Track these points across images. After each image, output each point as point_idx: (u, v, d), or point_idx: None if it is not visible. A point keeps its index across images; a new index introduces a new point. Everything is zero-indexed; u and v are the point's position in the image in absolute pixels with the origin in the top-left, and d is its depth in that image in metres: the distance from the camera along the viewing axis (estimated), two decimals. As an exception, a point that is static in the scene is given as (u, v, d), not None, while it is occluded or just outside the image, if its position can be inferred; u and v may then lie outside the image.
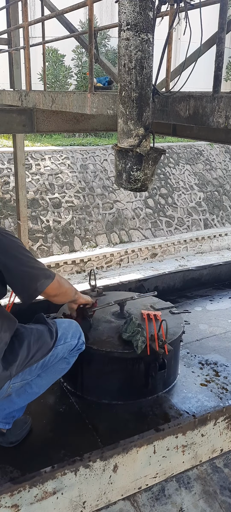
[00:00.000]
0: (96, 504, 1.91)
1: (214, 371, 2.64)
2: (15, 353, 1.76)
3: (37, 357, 1.84)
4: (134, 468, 1.96)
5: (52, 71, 12.22)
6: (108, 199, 10.56)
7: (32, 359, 1.82)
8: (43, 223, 9.47)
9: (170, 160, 12.06)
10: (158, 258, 10.36)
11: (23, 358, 1.78)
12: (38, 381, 1.93)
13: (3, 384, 1.75)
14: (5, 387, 1.77)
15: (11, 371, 1.75)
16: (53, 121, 4.16)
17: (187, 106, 2.09)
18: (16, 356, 1.76)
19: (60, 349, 1.93)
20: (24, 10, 3.80)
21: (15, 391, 1.85)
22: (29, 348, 1.80)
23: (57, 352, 1.92)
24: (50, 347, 1.88)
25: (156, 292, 2.94)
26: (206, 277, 3.98)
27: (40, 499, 1.73)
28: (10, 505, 1.67)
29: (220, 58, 1.82)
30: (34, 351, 1.82)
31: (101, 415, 2.21)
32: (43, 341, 1.86)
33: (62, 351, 1.94)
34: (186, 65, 2.62)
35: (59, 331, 1.94)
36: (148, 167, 2.12)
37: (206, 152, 12.94)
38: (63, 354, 1.96)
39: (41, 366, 1.89)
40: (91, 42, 2.78)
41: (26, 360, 1.80)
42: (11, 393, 1.84)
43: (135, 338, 2.22)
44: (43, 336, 1.87)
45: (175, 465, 2.09)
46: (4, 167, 9.72)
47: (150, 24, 1.87)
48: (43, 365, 1.89)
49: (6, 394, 1.81)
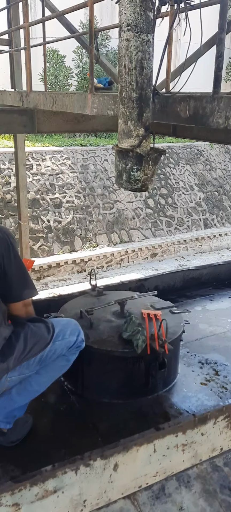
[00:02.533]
0: (97, 503, 1.92)
1: (214, 370, 2.65)
2: (12, 346, 1.78)
3: (35, 351, 1.85)
4: (134, 467, 1.97)
5: (52, 71, 12.23)
6: (108, 199, 10.58)
7: (29, 353, 1.84)
8: (44, 223, 9.48)
9: (170, 161, 12.07)
10: (158, 258, 10.37)
11: (20, 351, 1.80)
12: (38, 379, 1.94)
13: (1, 378, 1.77)
14: (3, 380, 1.78)
15: (9, 364, 1.77)
16: (54, 121, 4.16)
17: (187, 107, 2.10)
18: (13, 349, 1.78)
19: (58, 345, 1.94)
20: (25, 11, 3.81)
21: (15, 389, 1.86)
22: (25, 341, 1.82)
23: (56, 348, 1.93)
24: (47, 341, 1.89)
25: (156, 292, 2.95)
26: (206, 276, 3.99)
27: (41, 498, 1.75)
28: (11, 503, 1.68)
29: (220, 58, 1.83)
30: (31, 345, 1.84)
31: (101, 414, 2.21)
32: (40, 335, 1.88)
33: (61, 347, 1.95)
34: (186, 65, 2.63)
35: (57, 328, 1.96)
36: (148, 167, 2.13)
37: (206, 153, 12.94)
38: (61, 350, 1.96)
39: (39, 361, 1.90)
40: (91, 42, 2.78)
41: (23, 354, 1.81)
42: (10, 389, 1.85)
43: (135, 338, 2.23)
44: (40, 330, 1.89)
45: (175, 464, 2.10)
46: (5, 167, 9.74)
47: (150, 25, 1.88)
48: (41, 360, 1.90)
49: (4, 388, 1.82)
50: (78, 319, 2.45)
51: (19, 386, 1.88)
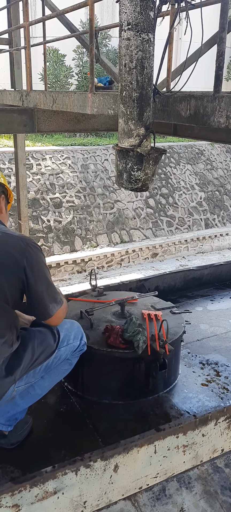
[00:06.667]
0: (97, 504, 1.91)
1: (215, 371, 2.64)
2: (19, 357, 1.76)
3: (41, 359, 1.84)
4: (134, 468, 1.96)
5: (53, 71, 12.22)
6: (109, 199, 10.56)
7: (36, 362, 1.82)
8: (44, 223, 9.47)
9: (171, 160, 12.05)
10: (158, 258, 10.35)
11: (27, 361, 1.78)
12: (41, 383, 1.93)
13: (8, 389, 1.75)
14: (10, 391, 1.77)
15: (16, 375, 1.75)
16: (54, 121, 4.15)
17: (188, 106, 2.08)
18: (20, 360, 1.76)
19: (63, 351, 1.93)
20: (25, 10, 3.79)
21: (18, 394, 1.85)
22: (33, 352, 1.80)
23: (60, 354, 1.92)
24: (53, 349, 1.88)
25: (157, 292, 2.94)
26: (207, 277, 3.97)
27: (41, 499, 1.74)
28: (11, 504, 1.67)
29: (221, 58, 1.81)
30: (38, 354, 1.82)
31: (102, 415, 2.21)
32: (47, 344, 1.86)
33: (65, 352, 1.95)
34: (187, 65, 2.62)
35: (62, 333, 1.94)
36: (149, 167, 2.12)
37: (207, 152, 12.92)
38: (66, 355, 1.96)
39: (45, 368, 1.89)
40: (92, 42, 2.77)
41: (30, 363, 1.80)
42: (15, 396, 1.84)
43: (136, 338, 2.22)
44: (47, 338, 1.87)
45: (175, 465, 2.09)
46: (5, 167, 9.73)
47: (150, 24, 1.86)
48: (47, 367, 1.89)
49: (11, 398, 1.81)
50: (79, 319, 2.44)
51: (22, 391, 1.87)
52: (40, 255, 1.75)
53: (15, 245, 1.69)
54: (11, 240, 1.71)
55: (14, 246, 1.68)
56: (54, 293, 1.79)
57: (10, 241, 1.71)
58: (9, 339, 1.71)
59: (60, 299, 1.82)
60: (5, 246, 1.69)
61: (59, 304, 1.80)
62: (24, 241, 1.71)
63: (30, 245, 1.70)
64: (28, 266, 1.67)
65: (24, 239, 1.73)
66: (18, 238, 1.72)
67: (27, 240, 1.72)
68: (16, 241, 1.70)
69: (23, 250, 1.67)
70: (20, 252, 1.67)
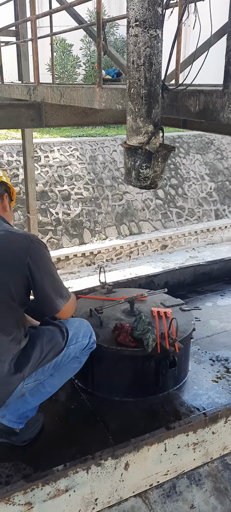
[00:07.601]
0: (108, 501, 1.93)
1: (225, 367, 2.63)
2: (28, 355, 1.78)
3: (50, 357, 1.86)
4: (145, 466, 1.98)
5: (60, 61, 12.14)
6: (117, 191, 10.52)
7: (44, 359, 1.84)
8: (52, 216, 9.49)
9: (180, 150, 11.91)
10: (168, 249, 10.30)
11: (36, 359, 1.81)
12: (51, 381, 1.95)
13: (17, 385, 1.78)
14: (19, 388, 1.79)
15: (24, 373, 1.78)
16: (61, 115, 4.13)
17: (197, 102, 2.05)
18: (29, 358, 1.78)
19: (72, 348, 1.94)
20: (32, 2, 3.75)
21: (28, 391, 1.88)
22: (42, 349, 1.82)
23: (70, 352, 1.94)
24: (62, 347, 1.90)
25: (166, 289, 2.93)
26: (216, 271, 3.94)
27: (53, 497, 1.76)
28: (23, 502, 1.70)
29: (230, 52, 1.77)
30: (46, 352, 1.84)
31: (112, 412, 2.22)
32: (56, 341, 1.88)
33: (74, 350, 1.96)
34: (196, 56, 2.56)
35: (71, 331, 1.95)
36: (157, 165, 2.09)
37: (217, 142, 12.73)
38: (75, 353, 1.97)
39: (54, 366, 1.91)
40: (99, 35, 2.73)
41: (39, 361, 1.82)
42: (25, 393, 1.86)
43: (145, 336, 2.22)
44: (55, 336, 1.89)
45: (186, 462, 2.10)
46: (13, 160, 9.75)
47: (158, 20, 1.83)
48: (56, 365, 1.91)
49: (20, 395, 1.84)
50: (88, 317, 2.45)
51: (32, 388, 1.89)
52: (45, 251, 1.77)
53: (19, 242, 1.72)
54: (15, 237, 1.74)
55: (18, 244, 1.72)
56: (60, 288, 1.82)
57: (14, 239, 1.74)
58: (17, 336, 1.74)
59: (66, 294, 1.84)
60: (9, 244, 1.72)
61: (65, 299, 1.83)
62: (28, 238, 1.74)
63: (33, 241, 1.73)
64: (32, 262, 1.69)
65: (27, 236, 1.76)
66: (21, 236, 1.76)
67: (30, 237, 1.76)
68: (20, 238, 1.74)
69: (26, 247, 1.70)
70: (23, 249, 1.70)
